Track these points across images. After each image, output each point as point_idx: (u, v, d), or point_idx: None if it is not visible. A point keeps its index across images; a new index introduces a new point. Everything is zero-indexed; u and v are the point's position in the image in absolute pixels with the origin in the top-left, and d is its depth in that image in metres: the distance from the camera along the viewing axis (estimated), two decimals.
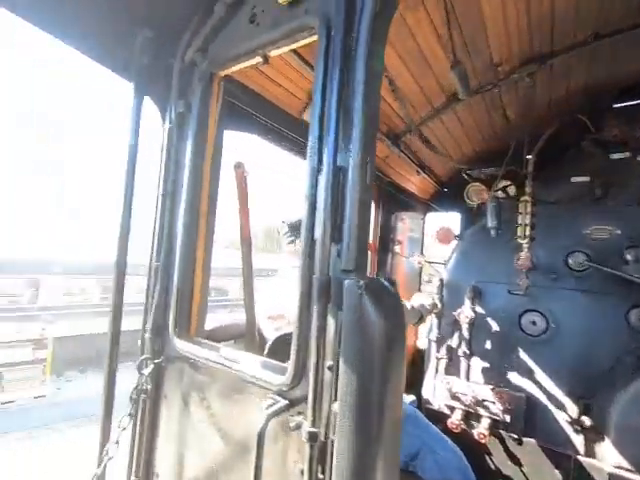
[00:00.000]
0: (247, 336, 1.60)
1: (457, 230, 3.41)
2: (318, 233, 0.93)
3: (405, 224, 3.95)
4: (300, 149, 2.14)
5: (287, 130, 2.02)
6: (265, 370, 1.06)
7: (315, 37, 1.10)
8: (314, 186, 0.96)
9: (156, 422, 1.41)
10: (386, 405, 0.77)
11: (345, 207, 0.90)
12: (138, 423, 1.39)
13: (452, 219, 3.95)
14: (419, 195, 3.78)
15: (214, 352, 1.27)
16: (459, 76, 1.73)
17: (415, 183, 3.56)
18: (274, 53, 1.27)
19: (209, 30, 1.38)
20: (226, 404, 1.25)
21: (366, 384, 0.75)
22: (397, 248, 3.73)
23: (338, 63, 0.96)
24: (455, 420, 2.39)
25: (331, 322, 0.89)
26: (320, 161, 0.97)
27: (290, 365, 0.95)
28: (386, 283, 0.82)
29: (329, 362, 0.89)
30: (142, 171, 1.42)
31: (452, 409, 2.50)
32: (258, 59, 1.30)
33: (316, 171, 0.97)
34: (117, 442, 1.24)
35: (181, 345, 1.34)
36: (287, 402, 0.97)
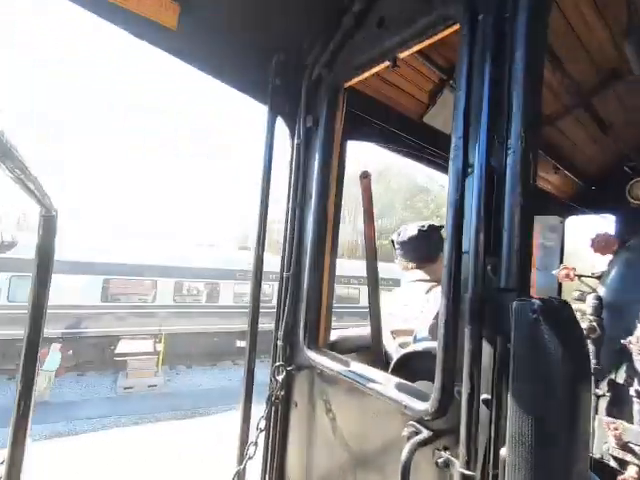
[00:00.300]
0: (373, 351, 1.54)
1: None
2: (467, 245, 0.82)
3: (535, 229, 3.40)
4: (420, 153, 2.03)
5: (406, 134, 1.94)
6: (403, 393, 0.98)
7: (454, 27, 1.00)
8: (459, 190, 0.86)
9: (287, 428, 1.46)
10: (573, 461, 0.62)
11: (502, 214, 0.77)
12: (271, 427, 1.45)
13: (598, 223, 3.26)
14: (557, 195, 3.23)
15: (344, 365, 1.24)
16: (636, 45, 1.37)
17: (551, 181, 3.05)
18: (403, 54, 1.21)
19: (337, 43, 1.39)
20: (357, 420, 1.21)
21: (546, 433, 0.61)
22: None
23: (489, 50, 0.84)
24: (630, 478, 1.90)
25: (487, 349, 0.76)
26: (466, 162, 0.86)
27: (435, 392, 0.85)
28: (566, 305, 0.66)
29: (484, 395, 0.76)
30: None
31: (623, 462, 1.99)
32: (386, 63, 1.26)
33: (461, 174, 0.86)
34: (256, 443, 1.30)
35: (311, 355, 1.36)
36: (431, 433, 0.87)
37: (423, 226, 1.85)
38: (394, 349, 1.70)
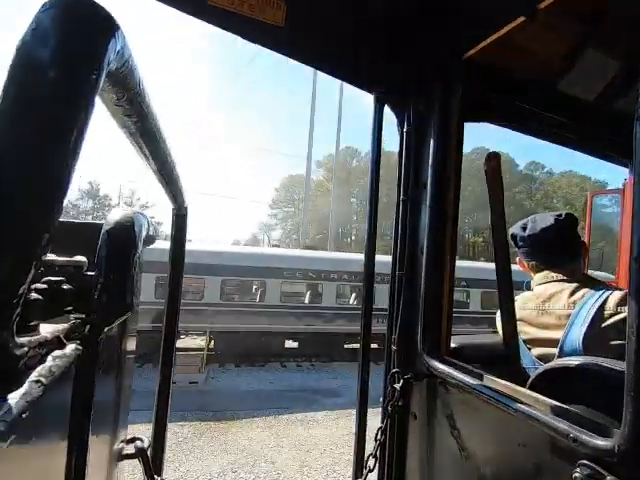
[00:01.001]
0: (506, 363, 1.32)
1: None
2: None
3: None
4: (554, 129, 1.70)
5: (538, 109, 1.63)
6: (568, 420, 0.77)
7: None
8: None
9: (405, 441, 1.34)
10: None
11: None
12: (387, 438, 1.35)
13: None
14: None
15: (474, 377, 1.07)
16: None
17: None
18: (545, 2, 0.99)
19: (453, 6, 1.23)
20: (493, 444, 1.03)
21: None
22: None
23: None
24: None
25: None
26: None
27: (624, 425, 0.64)
28: None
29: None
30: None
31: None
32: (518, 21, 1.06)
33: None
34: (376, 456, 1.22)
35: (431, 363, 1.22)
36: None
37: (560, 215, 1.53)
38: (530, 361, 1.44)
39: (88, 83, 0.33)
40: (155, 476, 0.83)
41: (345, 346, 12.91)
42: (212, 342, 11.81)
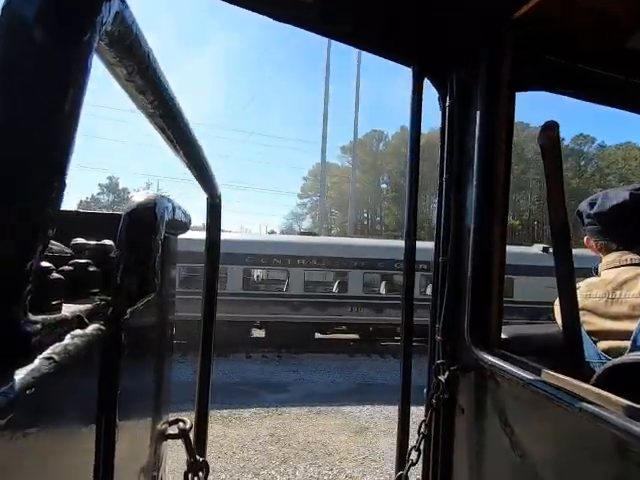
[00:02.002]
0: (565, 356, 1.19)
1: None
2: None
3: None
4: (621, 93, 1.50)
5: (602, 70, 1.44)
6: None
7: None
8: None
9: (452, 436, 1.26)
10: None
11: None
12: (432, 432, 1.28)
13: None
14: None
15: (529, 371, 0.97)
16: None
17: None
18: None
19: None
20: (553, 445, 0.93)
21: None
22: None
23: None
24: None
25: None
26: None
27: None
28: None
29: None
30: None
31: None
32: None
33: None
34: (419, 449, 1.16)
35: (480, 354, 1.13)
36: None
37: (637, 189, 1.34)
38: (594, 355, 1.29)
39: (78, 43, 0.31)
40: (197, 456, 0.84)
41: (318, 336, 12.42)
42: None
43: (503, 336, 1.31)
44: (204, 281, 1.16)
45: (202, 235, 1.14)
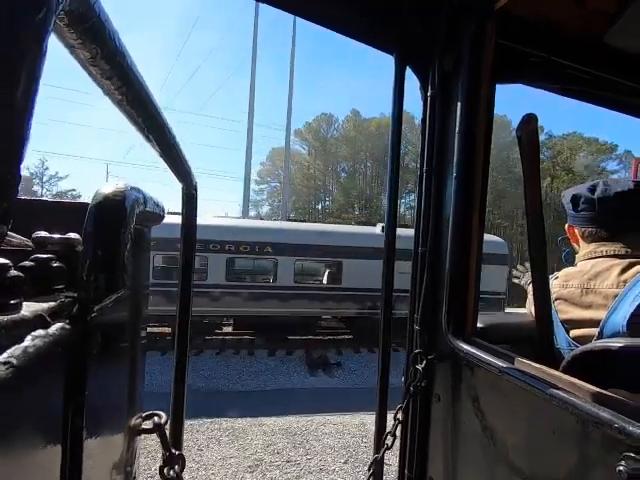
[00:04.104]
0: (539, 344, 1.23)
1: None
2: None
3: None
4: (596, 90, 1.52)
5: (580, 65, 1.46)
6: (610, 409, 0.70)
7: None
8: None
9: (428, 423, 1.29)
10: None
11: None
12: (409, 420, 1.31)
13: None
14: None
15: (502, 359, 1.00)
16: None
17: None
18: None
19: None
20: (525, 431, 0.96)
21: None
22: None
23: None
24: None
25: None
26: None
27: None
28: None
29: None
30: None
31: None
32: None
33: None
34: (394, 434, 1.19)
35: (456, 343, 1.15)
36: None
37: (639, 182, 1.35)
38: (565, 342, 1.34)
39: (31, 23, 0.28)
40: (172, 450, 0.83)
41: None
42: None
43: (479, 325, 1.35)
44: (179, 272, 1.14)
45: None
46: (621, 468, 0.63)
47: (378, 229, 12.31)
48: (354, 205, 46.61)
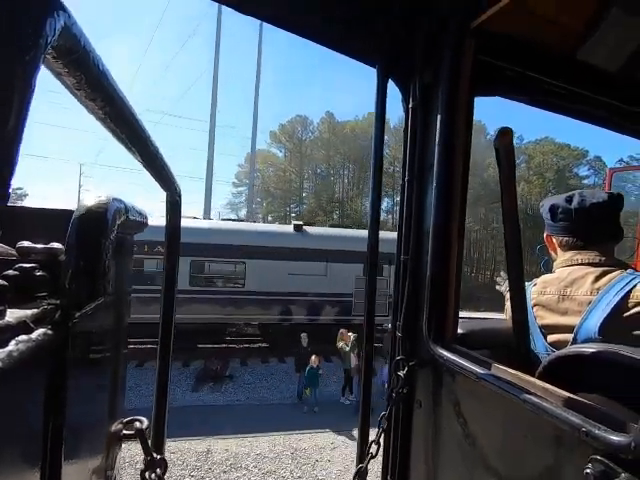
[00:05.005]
0: (515, 350, 1.27)
1: None
2: None
3: None
4: (570, 104, 1.59)
5: (555, 80, 1.52)
6: (579, 413, 0.73)
7: None
8: None
9: (410, 429, 1.31)
10: None
11: None
12: (392, 427, 1.33)
13: None
14: None
15: (480, 365, 1.03)
16: None
17: None
18: None
19: None
20: (499, 434, 0.99)
21: None
22: None
23: None
24: None
25: None
26: None
27: None
28: None
29: None
30: None
31: None
32: None
33: None
34: (378, 442, 1.20)
35: (436, 350, 1.18)
36: (632, 478, 0.62)
37: (613, 194, 1.41)
38: (542, 348, 1.38)
39: (20, 62, 0.30)
40: (154, 454, 0.83)
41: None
42: None
43: (460, 331, 1.38)
44: (164, 278, 1.14)
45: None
46: (588, 471, 0.66)
47: (291, 228, 11.72)
48: (325, 208, 46.38)
